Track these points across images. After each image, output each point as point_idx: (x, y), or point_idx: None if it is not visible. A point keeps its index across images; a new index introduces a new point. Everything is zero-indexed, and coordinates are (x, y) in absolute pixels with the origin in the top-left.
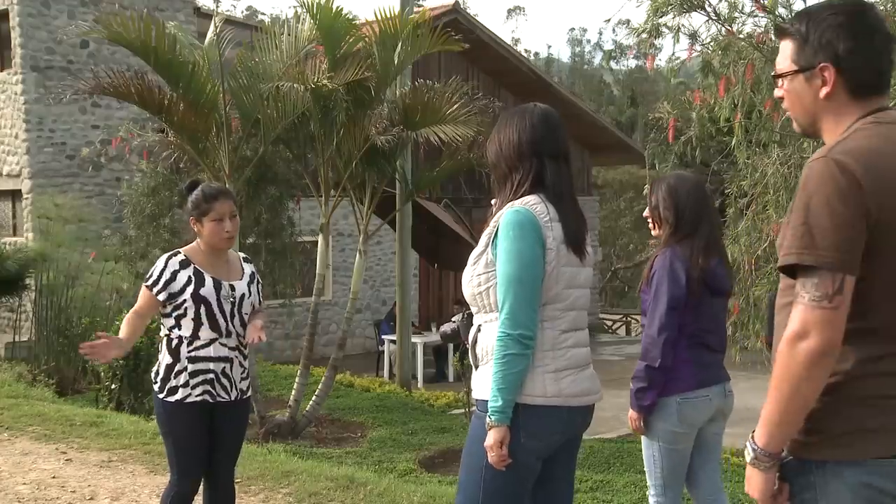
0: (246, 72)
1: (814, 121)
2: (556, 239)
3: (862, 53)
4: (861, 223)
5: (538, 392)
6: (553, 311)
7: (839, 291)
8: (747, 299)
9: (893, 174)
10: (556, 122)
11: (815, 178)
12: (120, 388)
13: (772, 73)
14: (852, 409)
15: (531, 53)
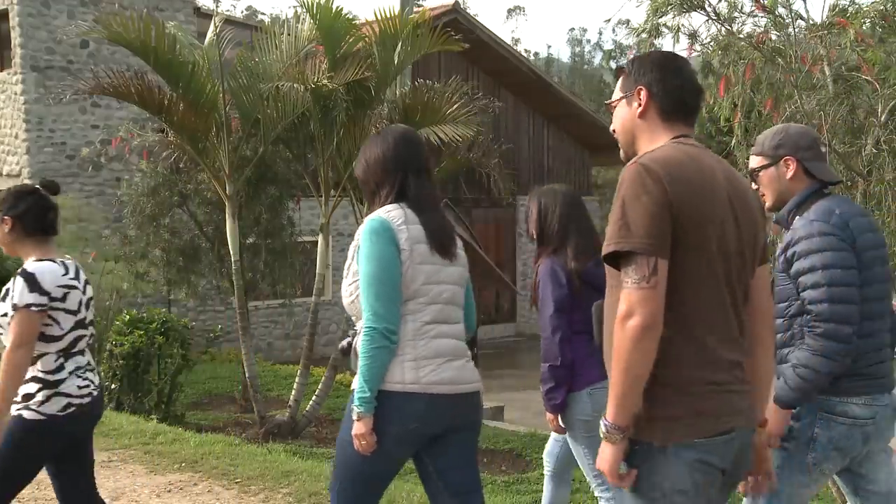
0: (246, 72)
1: (633, 140)
2: (410, 240)
3: (669, 84)
4: (667, 214)
5: (396, 379)
6: (415, 306)
7: (654, 272)
8: None
9: (688, 179)
10: (415, 141)
11: (628, 180)
12: (120, 388)
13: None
14: (683, 397)
15: (531, 53)
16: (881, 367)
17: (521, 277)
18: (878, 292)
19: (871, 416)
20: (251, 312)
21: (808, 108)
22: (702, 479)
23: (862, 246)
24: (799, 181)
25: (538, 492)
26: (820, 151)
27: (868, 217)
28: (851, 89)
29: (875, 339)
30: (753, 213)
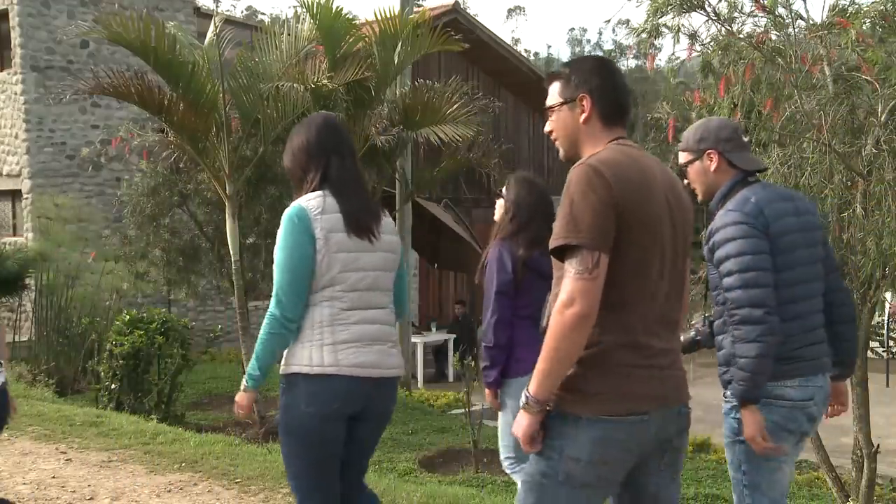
0: (246, 72)
1: (576, 144)
2: (325, 229)
3: (608, 89)
4: (611, 212)
5: (315, 363)
6: (332, 293)
7: (597, 265)
8: None
9: (630, 179)
10: (337, 126)
11: (576, 180)
12: (120, 388)
13: (545, 106)
14: (604, 376)
15: (531, 53)
16: (813, 349)
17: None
18: (803, 275)
19: (810, 398)
20: (251, 312)
21: (808, 108)
22: (601, 454)
23: (778, 231)
24: (723, 173)
25: None
26: (741, 142)
27: (793, 202)
28: (851, 89)
29: (804, 321)
30: (687, 210)
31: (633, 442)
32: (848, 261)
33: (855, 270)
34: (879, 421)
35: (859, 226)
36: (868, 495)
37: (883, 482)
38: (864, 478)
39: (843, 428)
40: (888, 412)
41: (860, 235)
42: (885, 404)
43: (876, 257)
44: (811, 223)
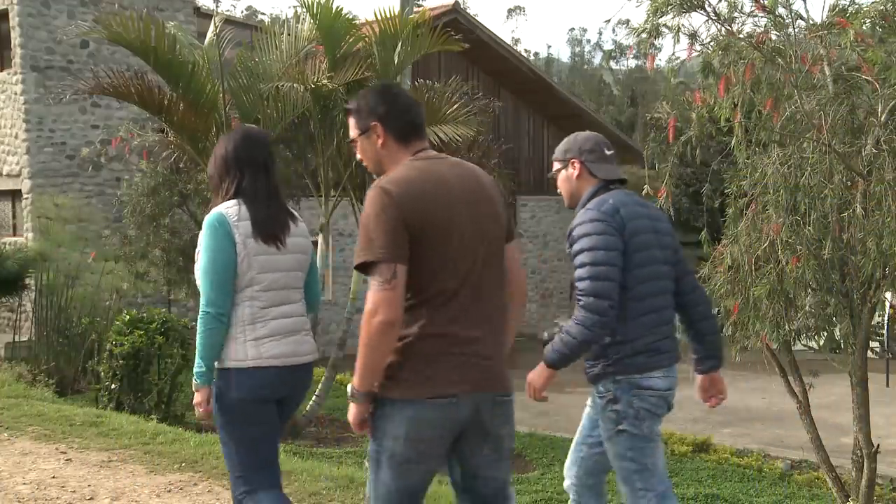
0: (246, 72)
1: (381, 165)
2: (243, 234)
3: (395, 113)
4: (401, 227)
5: (241, 357)
6: (252, 293)
7: (394, 276)
8: (747, 299)
9: (420, 193)
10: (254, 140)
11: (370, 201)
12: (120, 388)
13: (349, 140)
14: (414, 363)
15: (531, 53)
16: (668, 343)
17: None
18: (654, 273)
19: (670, 388)
20: None
21: (808, 108)
22: (416, 432)
23: (633, 231)
24: (585, 180)
25: (538, 492)
26: (603, 154)
27: (646, 208)
28: (851, 89)
29: (660, 315)
30: (490, 205)
31: (446, 422)
32: (848, 261)
33: (855, 270)
34: (879, 421)
35: (859, 226)
36: (868, 495)
37: (883, 482)
38: (864, 478)
39: (843, 428)
40: (888, 412)
41: (860, 235)
42: (885, 404)
43: (876, 257)
44: (664, 228)
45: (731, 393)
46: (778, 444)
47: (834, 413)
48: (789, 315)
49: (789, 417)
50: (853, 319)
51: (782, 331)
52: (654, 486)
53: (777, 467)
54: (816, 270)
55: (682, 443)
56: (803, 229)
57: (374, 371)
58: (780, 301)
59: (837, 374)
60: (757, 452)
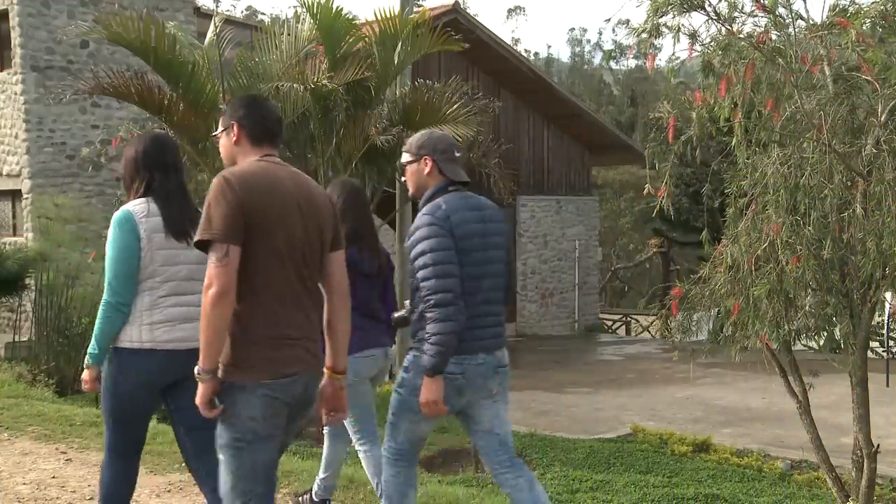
0: (246, 72)
1: (233, 159)
2: (149, 230)
3: (253, 119)
4: (239, 213)
5: (135, 339)
6: (153, 283)
7: (227, 255)
8: (747, 299)
9: (258, 186)
10: (162, 144)
11: (213, 188)
12: None
13: (214, 134)
14: (257, 349)
15: (531, 53)
16: (473, 333)
17: (521, 277)
18: (473, 273)
19: (461, 373)
20: None
21: (808, 108)
22: (270, 410)
23: (461, 235)
24: (433, 177)
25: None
26: (453, 156)
27: (481, 212)
28: (851, 89)
29: (474, 310)
30: (320, 213)
31: (288, 397)
32: (848, 261)
33: (855, 270)
34: (879, 421)
35: (859, 226)
36: (868, 495)
37: (883, 482)
38: (864, 478)
39: (843, 428)
40: (888, 412)
41: (860, 235)
42: (885, 404)
43: (876, 257)
44: (494, 230)
45: (731, 393)
46: (778, 444)
47: (834, 413)
48: (789, 315)
49: (789, 417)
50: (853, 319)
51: (782, 331)
52: (400, 444)
53: (777, 467)
54: (816, 270)
55: (682, 443)
56: (803, 229)
57: (216, 346)
58: (780, 301)
59: (837, 374)
60: (757, 452)
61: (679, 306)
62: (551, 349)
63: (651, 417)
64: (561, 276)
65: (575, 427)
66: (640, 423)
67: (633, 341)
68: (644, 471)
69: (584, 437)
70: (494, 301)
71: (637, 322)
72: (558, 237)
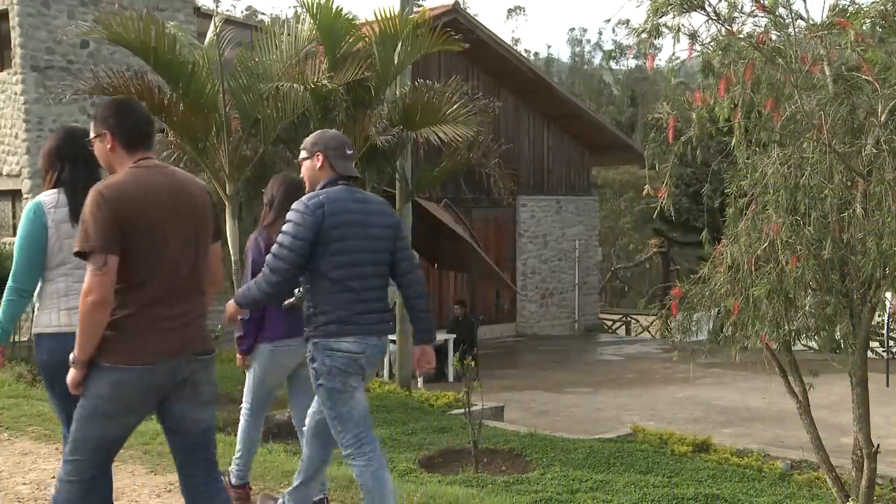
0: (246, 72)
1: (111, 166)
2: (56, 220)
3: (124, 125)
4: (113, 224)
5: (54, 324)
6: (65, 270)
7: (105, 264)
8: (747, 299)
9: (129, 195)
10: (73, 136)
11: (89, 200)
12: None
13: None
14: (122, 337)
15: (531, 53)
16: (367, 317)
17: (521, 277)
18: (351, 260)
19: (362, 351)
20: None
21: (808, 108)
22: (118, 393)
23: (336, 223)
24: (324, 171)
25: (538, 492)
26: (343, 152)
27: (364, 204)
28: (851, 89)
29: (357, 295)
30: (196, 209)
31: (143, 385)
32: (848, 261)
33: (855, 270)
34: (879, 421)
35: (859, 226)
36: (868, 495)
37: (883, 482)
38: (864, 478)
39: (843, 428)
40: (888, 412)
41: (860, 235)
42: (885, 404)
43: (876, 257)
44: (378, 222)
45: (731, 393)
46: (778, 444)
47: (834, 413)
48: (789, 315)
49: (789, 417)
50: (853, 319)
51: (782, 331)
52: (349, 430)
53: (777, 467)
54: (816, 270)
55: (682, 443)
56: (803, 229)
57: (90, 342)
58: (780, 301)
59: (837, 374)
60: (757, 452)
61: (679, 306)
62: (551, 349)
63: (651, 417)
64: (561, 276)
65: (575, 427)
66: (640, 423)
67: (633, 341)
68: (644, 471)
69: (584, 437)
70: (378, 287)
71: (637, 322)
72: (558, 237)
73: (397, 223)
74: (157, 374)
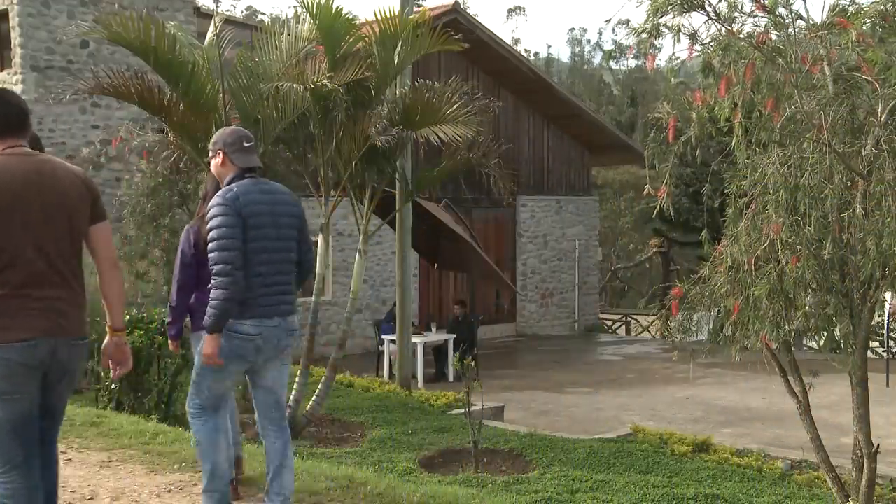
0: (246, 72)
1: None
2: None
3: None
4: None
5: None
6: None
7: None
8: (747, 299)
9: None
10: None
11: None
12: (120, 388)
13: None
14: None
15: (531, 53)
16: (268, 300)
17: (521, 277)
18: (263, 247)
19: (259, 333)
20: None
21: (808, 108)
22: (8, 369)
23: (249, 213)
24: (227, 167)
25: (538, 492)
26: (241, 146)
27: (272, 195)
28: (851, 89)
29: (264, 279)
30: (66, 194)
31: (29, 360)
32: (848, 261)
33: (855, 270)
34: (879, 421)
35: (859, 226)
36: (868, 495)
37: (883, 482)
38: (864, 478)
39: (843, 428)
40: (888, 412)
41: (860, 235)
42: (885, 404)
43: (876, 257)
44: (284, 211)
45: (731, 393)
46: (778, 444)
47: (834, 413)
48: (789, 315)
49: (789, 417)
50: (853, 319)
51: (782, 331)
52: (202, 399)
53: (777, 467)
54: (816, 270)
55: (682, 443)
56: (803, 229)
57: None
58: (780, 301)
59: (837, 374)
60: (757, 452)
61: (679, 306)
62: (551, 349)
63: (651, 417)
64: (561, 276)
65: (575, 427)
66: (640, 423)
67: (633, 341)
68: (644, 471)
69: (584, 437)
70: (285, 272)
71: (637, 322)
72: (558, 237)
73: (301, 212)
74: (38, 352)
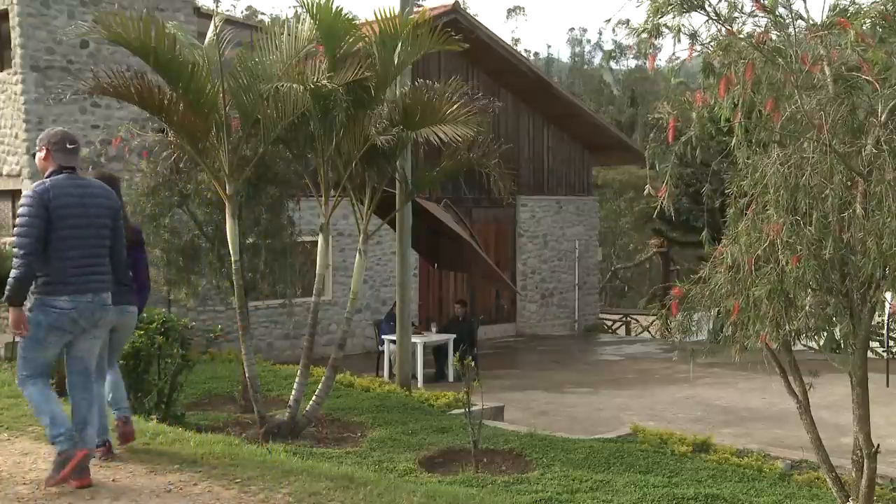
0: (246, 72)
1: None
2: None
3: None
4: None
5: None
6: None
7: None
8: (747, 299)
9: None
10: None
11: None
12: None
13: None
14: None
15: (531, 53)
16: (79, 279)
17: (521, 277)
18: (71, 234)
19: (74, 307)
20: (251, 312)
21: (808, 108)
22: None
23: (59, 205)
24: (49, 163)
25: (538, 492)
26: (65, 146)
27: (85, 189)
28: (851, 89)
29: (73, 262)
30: None
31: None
32: (848, 261)
33: (855, 270)
34: (879, 421)
35: (859, 226)
36: (868, 495)
37: (883, 482)
38: (864, 478)
39: (843, 428)
40: (888, 412)
41: (860, 235)
42: (885, 404)
43: (876, 257)
44: (95, 203)
45: (731, 393)
46: (778, 444)
47: (834, 413)
48: (789, 315)
49: (789, 417)
50: (853, 319)
51: (782, 331)
52: (28, 369)
53: (777, 467)
54: (816, 270)
55: (682, 443)
56: (803, 229)
57: None
58: (780, 301)
59: (837, 374)
60: (757, 452)
61: (679, 306)
62: (551, 349)
63: (651, 417)
64: (561, 276)
65: (575, 427)
66: (640, 423)
67: (633, 341)
68: (644, 471)
69: (584, 437)
70: (97, 255)
71: (637, 322)
72: (558, 237)
73: (116, 206)
74: None
